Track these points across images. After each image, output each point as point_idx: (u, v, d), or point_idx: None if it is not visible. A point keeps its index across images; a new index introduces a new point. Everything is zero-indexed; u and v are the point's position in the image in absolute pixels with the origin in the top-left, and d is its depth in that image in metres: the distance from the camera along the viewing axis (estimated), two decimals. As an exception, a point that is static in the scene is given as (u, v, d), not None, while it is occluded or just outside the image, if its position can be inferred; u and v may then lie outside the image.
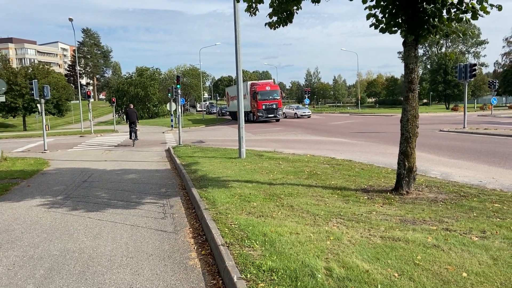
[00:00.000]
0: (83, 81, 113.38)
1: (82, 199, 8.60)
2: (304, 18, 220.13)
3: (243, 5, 8.23)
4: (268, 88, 39.68)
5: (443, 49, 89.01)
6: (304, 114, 46.70)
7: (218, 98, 74.97)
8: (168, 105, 28.80)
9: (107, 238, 5.94)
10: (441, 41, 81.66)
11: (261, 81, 44.60)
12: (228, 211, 6.37)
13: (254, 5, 7.95)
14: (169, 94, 23.99)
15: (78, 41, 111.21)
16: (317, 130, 26.87)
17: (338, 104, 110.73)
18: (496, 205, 6.24)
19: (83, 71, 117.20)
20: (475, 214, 5.75)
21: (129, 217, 7.02)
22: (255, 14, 8.19)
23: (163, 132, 31.55)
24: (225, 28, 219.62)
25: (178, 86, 20.25)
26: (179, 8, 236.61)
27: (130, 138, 21.43)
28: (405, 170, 7.20)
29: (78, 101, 39.37)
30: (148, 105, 63.54)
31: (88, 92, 34.68)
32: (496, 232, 4.92)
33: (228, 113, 55.04)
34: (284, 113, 47.36)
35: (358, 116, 47.83)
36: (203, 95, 74.86)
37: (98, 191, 9.42)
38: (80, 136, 30.14)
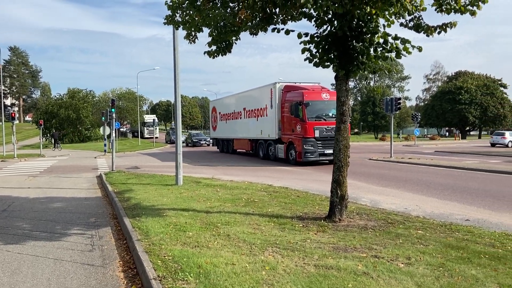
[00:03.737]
0: (8, 101, 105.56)
1: (0, 231, 7.84)
2: (243, 48, 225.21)
3: (183, 32, 8.26)
4: (326, 96, 20.45)
5: (372, 83, 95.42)
6: None
7: (157, 122, 72.90)
8: (101, 128, 27.61)
9: (27, 273, 5.44)
10: (370, 76, 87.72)
11: (307, 84, 22.21)
12: (162, 241, 6.14)
13: (193, 33, 8.01)
14: (103, 118, 23.09)
15: (4, 60, 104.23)
16: (254, 156, 27.15)
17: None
18: (419, 232, 6.65)
19: (8, 91, 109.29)
20: (401, 241, 6.06)
21: (53, 250, 6.50)
22: (194, 42, 8.24)
23: (95, 157, 30.06)
24: (165, 53, 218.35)
25: (113, 110, 19.57)
26: (117, 30, 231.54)
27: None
28: (338, 198, 7.47)
29: (0, 123, 36.16)
30: (80, 128, 60.51)
31: (13, 114, 32.31)
32: (420, 258, 5.21)
33: (210, 142, 41.14)
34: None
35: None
36: (145, 119, 68.83)
37: (19, 222, 8.65)
38: (1, 161, 27.78)
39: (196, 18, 7.47)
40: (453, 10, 6.38)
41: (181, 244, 6.01)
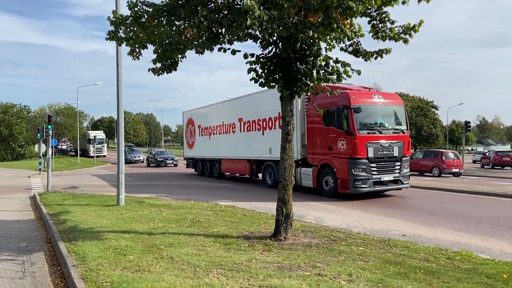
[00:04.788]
0: None
1: None
2: (190, 65, 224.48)
3: (127, 48, 8.06)
4: (379, 99, 14.97)
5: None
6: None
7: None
8: (36, 146, 25.98)
9: None
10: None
11: (353, 85, 15.69)
12: (100, 267, 5.81)
13: (137, 49, 7.85)
14: (38, 135, 21.78)
15: None
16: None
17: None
18: (360, 248, 6.86)
19: None
20: (343, 258, 6.21)
21: (-24, 280, 5.93)
22: (138, 59, 8.05)
23: (29, 177, 28.13)
24: (108, 68, 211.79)
25: (49, 126, 18.53)
26: (57, 43, 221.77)
27: None
28: (283, 217, 7.54)
29: None
30: (13, 145, 56.61)
31: None
32: (361, 275, 5.35)
33: (177, 161, 36.44)
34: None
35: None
36: (90, 135, 60.03)
37: None
38: None
39: (141, 35, 7.33)
40: (388, 37, 6.81)
41: (121, 268, 5.73)
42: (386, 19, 6.78)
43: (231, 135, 21.49)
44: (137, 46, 7.67)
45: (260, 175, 19.90)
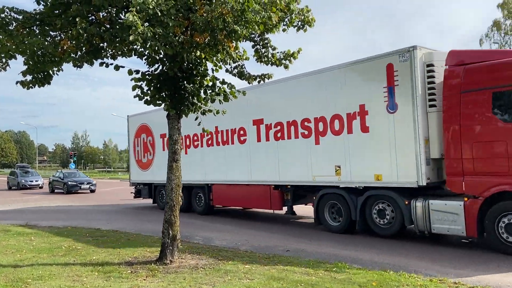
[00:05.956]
0: None
1: None
2: (70, 79, 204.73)
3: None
4: None
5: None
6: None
7: None
8: None
9: None
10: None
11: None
12: None
13: (4, 60, 7.01)
14: None
15: None
16: (83, 198, 24.79)
17: (108, 169, 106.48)
18: (246, 266, 6.96)
19: None
20: (229, 277, 6.22)
21: None
22: (5, 70, 7.19)
23: None
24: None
25: None
26: None
27: None
28: (169, 239, 7.30)
29: None
30: None
31: None
32: (245, 292, 5.40)
33: (135, 189, 18.62)
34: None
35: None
36: None
37: None
38: None
39: (8, 44, 6.58)
40: (270, 62, 7.20)
41: (-26, 311, 4.91)
42: (268, 45, 7.18)
43: (236, 148, 13.47)
44: (3, 55, 6.85)
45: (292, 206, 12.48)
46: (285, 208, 12.58)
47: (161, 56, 7.08)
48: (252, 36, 7.07)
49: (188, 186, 15.00)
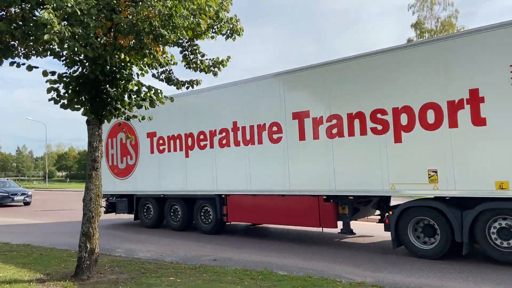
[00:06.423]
0: None
1: None
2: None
3: None
4: None
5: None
6: None
7: None
8: None
9: None
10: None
11: None
12: None
13: None
14: None
15: None
16: (16, 212, 22.47)
17: (22, 177, 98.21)
18: (171, 278, 6.71)
19: None
20: (152, 291, 5.96)
21: None
22: None
23: None
24: None
25: None
26: None
27: None
28: (87, 253, 6.81)
29: None
30: None
31: None
32: (169, 306, 5.19)
33: (106, 202, 14.74)
34: None
35: (45, 191, 43.56)
36: None
37: None
38: None
39: None
40: (199, 69, 7.10)
41: None
42: (197, 51, 7.08)
43: (265, 147, 10.56)
44: None
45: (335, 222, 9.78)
46: (340, 224, 9.76)
47: (81, 57, 6.66)
48: (180, 41, 6.92)
49: (188, 198, 12.41)
